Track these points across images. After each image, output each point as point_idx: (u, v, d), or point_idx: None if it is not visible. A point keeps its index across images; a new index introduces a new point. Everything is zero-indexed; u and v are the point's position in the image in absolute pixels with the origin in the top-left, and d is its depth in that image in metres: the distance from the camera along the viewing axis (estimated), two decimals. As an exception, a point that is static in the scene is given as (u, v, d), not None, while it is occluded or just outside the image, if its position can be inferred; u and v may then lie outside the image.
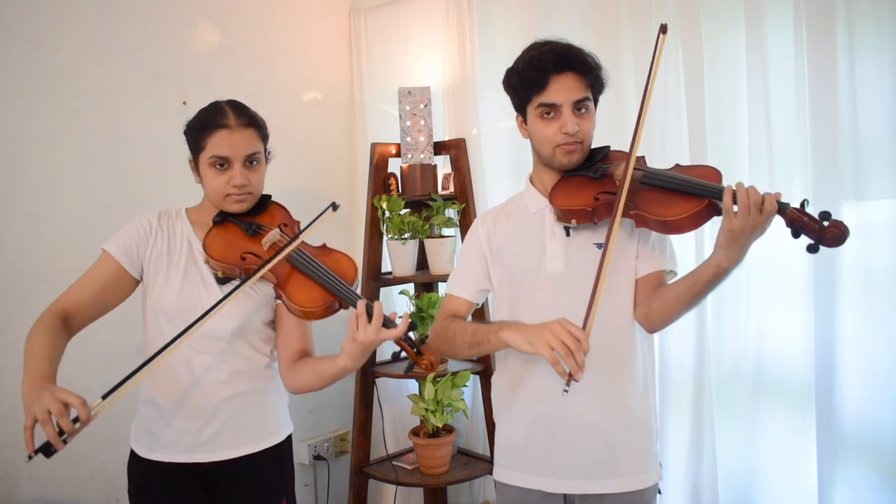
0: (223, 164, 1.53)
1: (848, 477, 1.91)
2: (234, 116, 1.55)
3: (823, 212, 1.28)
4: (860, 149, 1.87)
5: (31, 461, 1.23)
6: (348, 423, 2.90)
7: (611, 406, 1.53)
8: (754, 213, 1.26)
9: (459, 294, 1.67)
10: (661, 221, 1.40)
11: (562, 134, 1.50)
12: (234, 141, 1.53)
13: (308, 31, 2.92)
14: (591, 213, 1.48)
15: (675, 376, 2.20)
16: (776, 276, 2.01)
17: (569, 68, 1.49)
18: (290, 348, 1.62)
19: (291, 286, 1.51)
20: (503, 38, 2.63)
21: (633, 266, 1.54)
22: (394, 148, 2.76)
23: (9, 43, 2.10)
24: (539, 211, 1.61)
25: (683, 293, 1.43)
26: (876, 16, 1.84)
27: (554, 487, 1.54)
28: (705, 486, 2.15)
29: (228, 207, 1.58)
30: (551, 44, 1.52)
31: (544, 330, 1.33)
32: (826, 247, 1.27)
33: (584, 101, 1.50)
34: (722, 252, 1.32)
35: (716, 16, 2.10)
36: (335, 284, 1.49)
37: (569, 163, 1.54)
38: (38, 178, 2.16)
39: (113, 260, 1.56)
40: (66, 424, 1.24)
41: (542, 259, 1.57)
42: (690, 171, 1.47)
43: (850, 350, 1.90)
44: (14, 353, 2.08)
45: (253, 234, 1.58)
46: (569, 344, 1.29)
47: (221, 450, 1.58)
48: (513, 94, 1.58)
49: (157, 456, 1.58)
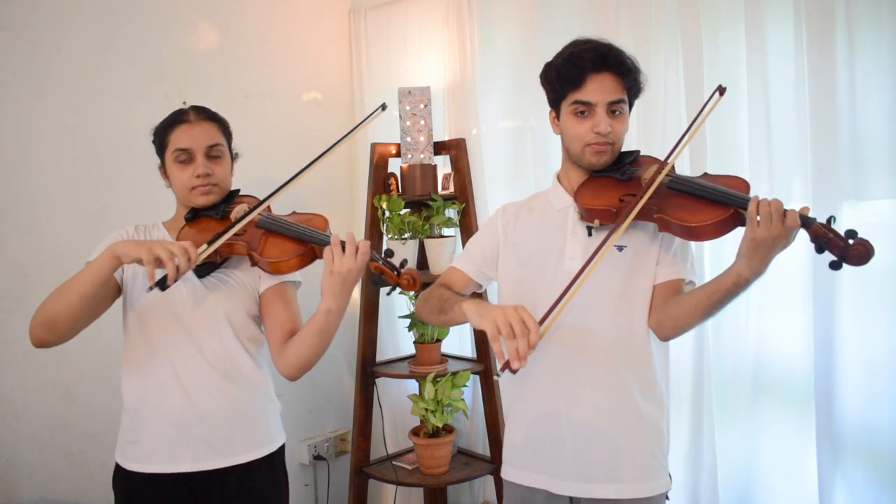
0: (186, 159, 1.58)
1: (848, 477, 1.91)
2: (193, 113, 1.63)
3: (850, 230, 1.26)
4: (860, 149, 1.87)
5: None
6: (348, 423, 2.90)
7: (621, 411, 1.51)
8: (776, 222, 1.26)
9: (460, 266, 1.67)
10: (684, 227, 1.40)
11: (593, 133, 1.49)
12: (195, 133, 1.59)
13: (308, 31, 2.92)
14: (615, 213, 1.47)
15: (674, 376, 2.18)
16: (776, 276, 2.00)
17: (607, 68, 1.48)
18: (278, 332, 1.59)
19: (265, 248, 1.53)
20: (503, 38, 2.63)
21: (652, 272, 1.53)
22: (394, 148, 2.76)
23: (9, 43, 2.10)
24: (563, 209, 1.60)
25: (701, 301, 1.41)
26: (876, 16, 1.84)
27: (559, 489, 1.53)
28: (705, 487, 2.15)
29: (195, 201, 1.60)
30: (593, 42, 1.51)
31: (497, 309, 1.32)
32: (849, 265, 1.25)
33: (618, 102, 1.50)
34: (744, 262, 1.32)
35: (716, 16, 2.10)
36: (306, 233, 1.51)
37: (597, 163, 1.53)
38: (39, 178, 2.16)
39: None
40: (183, 262, 1.36)
41: (561, 257, 1.56)
42: (718, 180, 1.46)
43: (850, 350, 1.90)
44: (14, 353, 2.09)
45: (222, 216, 1.62)
46: (516, 328, 1.28)
47: (208, 459, 1.54)
48: (549, 88, 1.57)
49: (140, 467, 1.54)
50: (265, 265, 1.52)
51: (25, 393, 2.12)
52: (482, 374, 2.66)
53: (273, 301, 1.61)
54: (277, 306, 1.61)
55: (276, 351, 1.60)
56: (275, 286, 1.63)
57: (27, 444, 2.11)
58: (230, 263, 1.62)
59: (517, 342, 1.27)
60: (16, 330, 2.09)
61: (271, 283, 1.62)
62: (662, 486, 1.52)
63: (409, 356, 2.81)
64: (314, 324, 1.50)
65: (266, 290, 1.62)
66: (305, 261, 1.52)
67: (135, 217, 1.73)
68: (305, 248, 1.51)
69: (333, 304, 1.45)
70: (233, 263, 1.62)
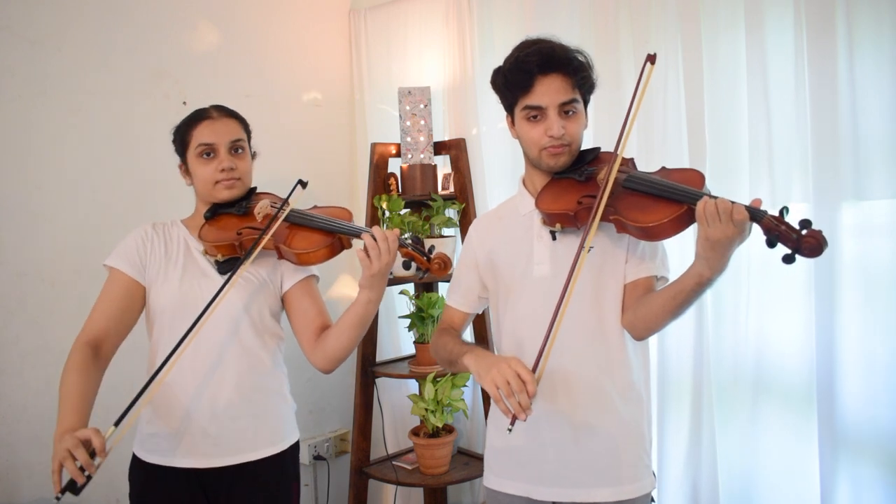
0: (209, 153, 1.60)
1: (851, 476, 1.90)
2: (214, 110, 1.65)
3: (804, 220, 1.22)
4: (860, 148, 1.87)
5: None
6: (348, 423, 2.90)
7: (601, 413, 1.49)
8: (725, 221, 1.22)
9: (455, 305, 1.68)
10: (639, 227, 1.36)
11: (547, 137, 1.47)
12: (217, 128, 1.61)
13: (308, 31, 2.92)
14: (574, 217, 1.45)
15: (674, 376, 2.20)
16: (776, 275, 2.01)
17: (554, 69, 1.45)
18: (309, 327, 1.62)
19: (292, 240, 1.55)
20: (503, 38, 2.63)
21: (622, 271, 1.50)
22: (394, 148, 2.76)
23: (9, 43, 2.10)
24: (528, 213, 1.58)
25: (667, 302, 1.38)
26: (876, 16, 1.84)
27: (542, 495, 1.51)
28: (705, 487, 2.14)
29: (219, 195, 1.62)
30: (538, 43, 1.48)
31: (493, 367, 1.32)
32: (803, 257, 1.22)
33: (570, 102, 1.47)
34: (702, 262, 1.28)
35: (716, 16, 2.10)
36: (332, 225, 1.53)
37: (555, 165, 1.51)
38: (39, 178, 2.16)
39: (121, 274, 1.57)
40: (83, 456, 1.27)
41: (530, 263, 1.54)
42: (673, 174, 1.43)
43: (851, 349, 1.89)
44: (14, 353, 2.09)
45: (244, 213, 1.63)
46: (513, 385, 1.28)
47: (222, 455, 1.56)
48: (500, 94, 1.56)
49: (157, 460, 1.57)
50: (293, 257, 1.54)
51: (25, 393, 2.12)
52: (482, 374, 2.65)
53: (301, 298, 1.63)
54: (306, 302, 1.63)
55: (309, 346, 1.62)
56: (300, 283, 1.64)
57: (27, 444, 2.11)
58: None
59: (517, 397, 1.28)
60: (16, 330, 2.09)
61: (295, 281, 1.64)
62: (646, 486, 1.51)
63: (409, 356, 2.81)
64: (354, 315, 1.52)
65: (291, 289, 1.64)
66: (333, 251, 1.54)
67: (135, 217, 1.74)
68: (333, 239, 1.53)
69: (374, 294, 1.49)
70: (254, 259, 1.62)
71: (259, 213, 1.61)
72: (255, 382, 1.59)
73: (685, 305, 1.37)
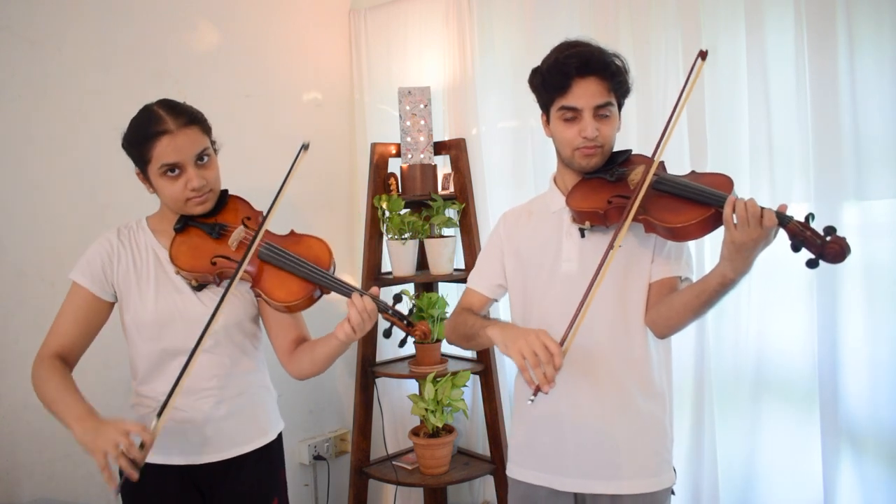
0: (175, 170, 1.48)
1: (854, 474, 1.91)
2: (171, 119, 1.48)
3: (828, 227, 1.26)
4: (861, 148, 1.87)
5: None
6: (348, 423, 2.90)
7: (620, 410, 1.53)
8: (754, 225, 1.26)
9: (476, 288, 1.71)
10: (667, 228, 1.41)
11: (581, 138, 1.51)
12: (179, 144, 1.46)
13: (308, 31, 2.92)
14: (603, 215, 1.49)
15: (676, 374, 2.16)
16: (778, 275, 2.01)
17: (591, 73, 1.49)
18: (285, 339, 1.63)
19: (267, 282, 1.50)
20: (503, 38, 2.63)
21: (647, 270, 1.54)
22: (394, 148, 2.76)
23: (9, 43, 2.10)
24: (559, 211, 1.62)
25: (690, 301, 1.42)
26: (876, 16, 1.84)
27: (563, 486, 1.56)
28: (705, 486, 2.15)
29: (191, 211, 1.54)
30: (577, 46, 1.52)
31: (520, 337, 1.35)
32: (826, 262, 1.25)
33: (605, 105, 1.51)
34: (727, 264, 1.32)
35: (716, 16, 2.10)
36: (311, 273, 1.48)
37: (587, 165, 1.55)
38: (39, 178, 2.16)
39: (84, 290, 1.55)
40: (137, 454, 1.28)
41: (558, 259, 1.58)
42: (703, 178, 1.46)
43: (853, 348, 1.90)
44: (14, 353, 2.09)
45: (218, 236, 1.55)
46: (540, 355, 1.31)
47: (214, 452, 1.58)
48: (537, 93, 1.59)
49: (150, 458, 1.56)
50: (278, 307, 1.50)
51: (25, 393, 2.10)
52: (482, 374, 2.65)
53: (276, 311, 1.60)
54: (278, 314, 1.62)
55: (284, 357, 1.63)
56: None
57: (27, 444, 2.11)
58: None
59: (543, 368, 1.31)
60: (16, 330, 2.09)
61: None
62: (666, 481, 1.54)
63: (409, 356, 2.81)
64: (330, 349, 1.52)
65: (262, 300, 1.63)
66: (312, 302, 1.50)
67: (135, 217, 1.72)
68: (311, 289, 1.48)
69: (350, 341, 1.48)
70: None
71: (233, 243, 1.53)
72: (242, 383, 1.62)
73: (707, 305, 1.41)
